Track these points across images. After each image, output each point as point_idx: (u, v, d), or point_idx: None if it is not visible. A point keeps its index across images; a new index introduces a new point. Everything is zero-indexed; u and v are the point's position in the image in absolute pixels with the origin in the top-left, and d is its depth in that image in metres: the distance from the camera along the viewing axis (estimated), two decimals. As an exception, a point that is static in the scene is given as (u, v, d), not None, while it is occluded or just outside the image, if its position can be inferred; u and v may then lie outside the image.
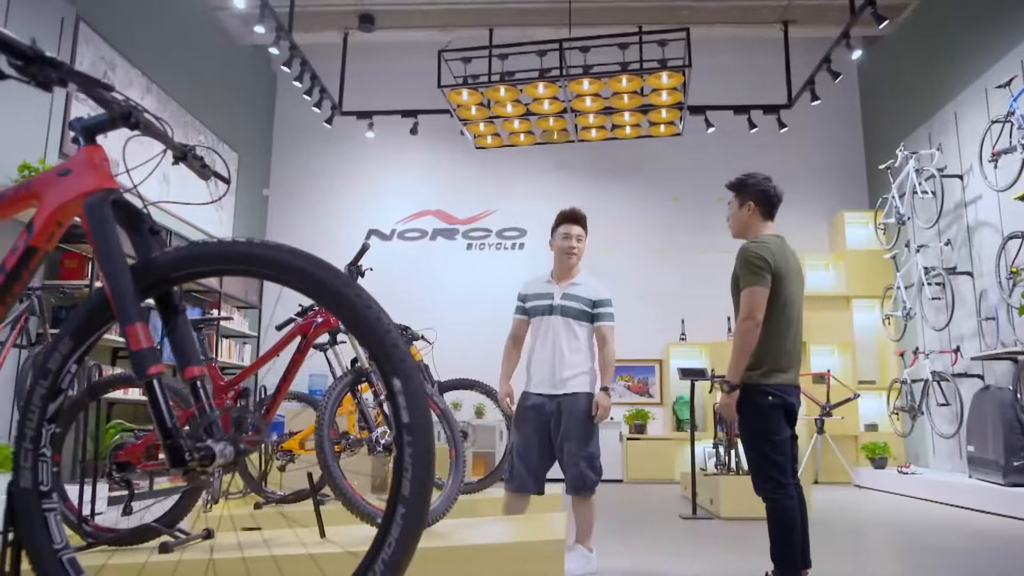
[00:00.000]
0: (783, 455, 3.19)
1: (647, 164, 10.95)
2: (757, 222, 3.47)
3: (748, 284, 3.19)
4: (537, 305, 3.99)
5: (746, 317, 3.17)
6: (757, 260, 3.21)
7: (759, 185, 3.52)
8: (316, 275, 1.36)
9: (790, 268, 3.32)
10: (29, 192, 1.48)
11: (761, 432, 3.21)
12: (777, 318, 3.24)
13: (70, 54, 6.72)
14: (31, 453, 1.41)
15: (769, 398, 3.18)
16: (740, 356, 3.18)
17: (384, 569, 1.28)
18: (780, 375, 3.23)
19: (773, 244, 3.32)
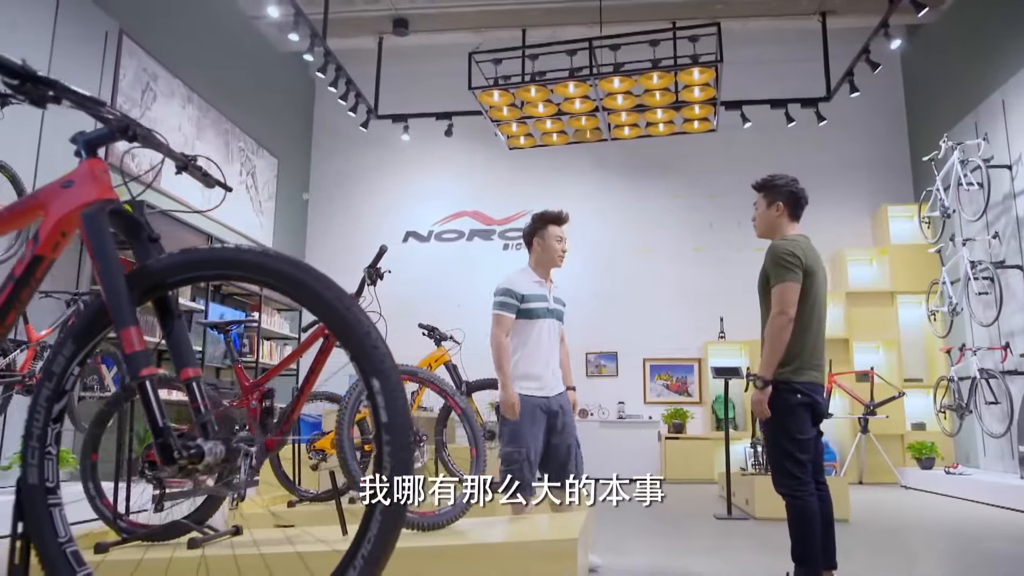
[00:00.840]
0: (806, 453, 3.18)
1: (685, 161, 10.84)
2: (784, 223, 3.47)
3: (780, 280, 3.18)
4: (537, 307, 3.89)
5: (780, 312, 3.14)
6: (789, 256, 3.20)
7: (788, 186, 3.54)
8: (299, 279, 1.41)
9: (817, 268, 3.31)
10: (36, 203, 1.56)
11: (786, 429, 3.19)
12: (808, 315, 3.23)
13: (114, 66, 6.97)
14: (37, 451, 1.48)
15: (798, 396, 3.16)
16: (773, 352, 3.15)
17: (363, 565, 1.31)
18: (810, 372, 3.21)
19: (802, 242, 3.33)
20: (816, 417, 3.27)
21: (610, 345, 10.72)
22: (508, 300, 3.84)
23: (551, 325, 3.92)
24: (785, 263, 3.19)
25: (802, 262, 3.20)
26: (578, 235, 11.13)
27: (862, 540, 5.14)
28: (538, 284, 3.96)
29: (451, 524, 3.16)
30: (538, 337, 3.85)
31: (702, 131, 8.62)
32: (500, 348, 3.78)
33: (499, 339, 3.79)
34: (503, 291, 3.86)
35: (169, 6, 7.96)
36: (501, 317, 3.82)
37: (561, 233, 4.03)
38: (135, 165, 7.16)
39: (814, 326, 3.27)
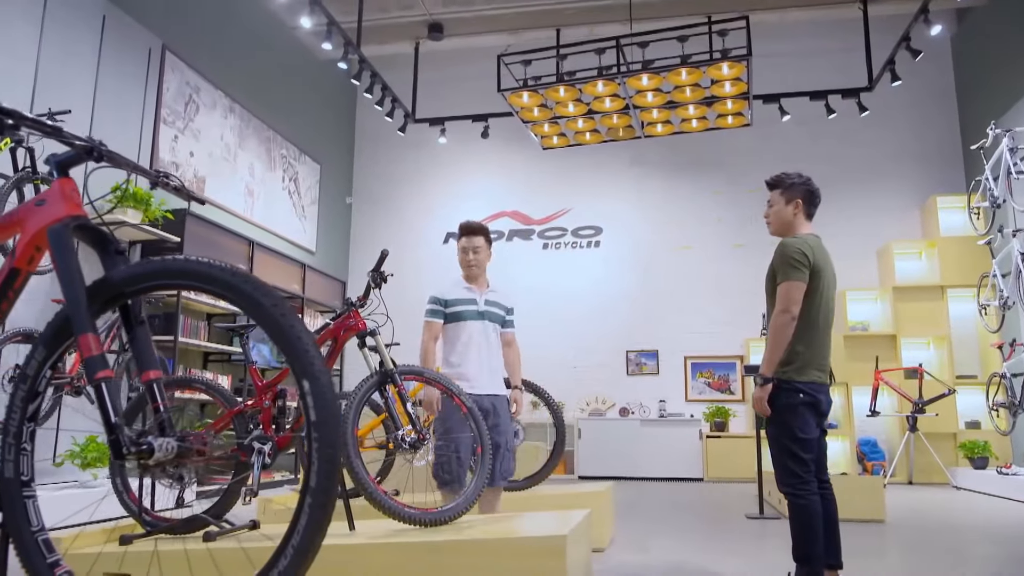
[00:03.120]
0: (808, 453, 3.17)
1: (723, 157, 10.71)
2: (800, 221, 3.45)
3: (786, 278, 3.18)
4: (464, 310, 4.08)
5: (783, 310, 3.14)
6: (797, 255, 3.19)
7: (806, 184, 3.53)
8: (240, 288, 1.50)
9: (827, 267, 3.30)
10: (13, 220, 1.69)
11: (789, 428, 3.18)
12: (814, 315, 3.22)
13: (158, 81, 7.28)
14: (13, 447, 1.61)
15: (800, 395, 3.15)
16: (775, 349, 3.15)
17: (293, 554, 1.40)
18: (813, 372, 3.20)
19: (812, 241, 3.31)
20: (819, 417, 3.25)
21: (651, 343, 10.67)
22: (433, 307, 4.13)
23: (483, 327, 4.10)
24: (793, 261, 3.18)
25: (810, 261, 3.19)
26: (617, 233, 11.14)
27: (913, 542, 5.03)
28: (466, 290, 4.15)
29: (453, 520, 3.23)
30: (468, 339, 4.07)
31: (736, 126, 8.51)
32: (424, 351, 4.10)
33: (424, 343, 4.11)
34: (430, 299, 4.17)
35: (209, 22, 8.26)
36: (427, 323, 4.12)
37: (466, 244, 4.22)
38: (178, 175, 7.47)
39: (820, 325, 3.24)
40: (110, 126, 6.61)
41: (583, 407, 10.59)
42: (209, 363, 7.84)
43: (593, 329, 10.85)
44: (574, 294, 10.99)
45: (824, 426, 3.33)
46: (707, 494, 8.27)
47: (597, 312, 10.90)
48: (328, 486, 1.42)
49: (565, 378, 10.58)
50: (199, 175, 7.90)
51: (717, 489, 8.62)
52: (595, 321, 10.87)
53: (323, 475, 1.41)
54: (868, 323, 9.98)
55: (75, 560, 3.04)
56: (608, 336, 10.73)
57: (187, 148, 7.70)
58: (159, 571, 2.81)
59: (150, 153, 7.13)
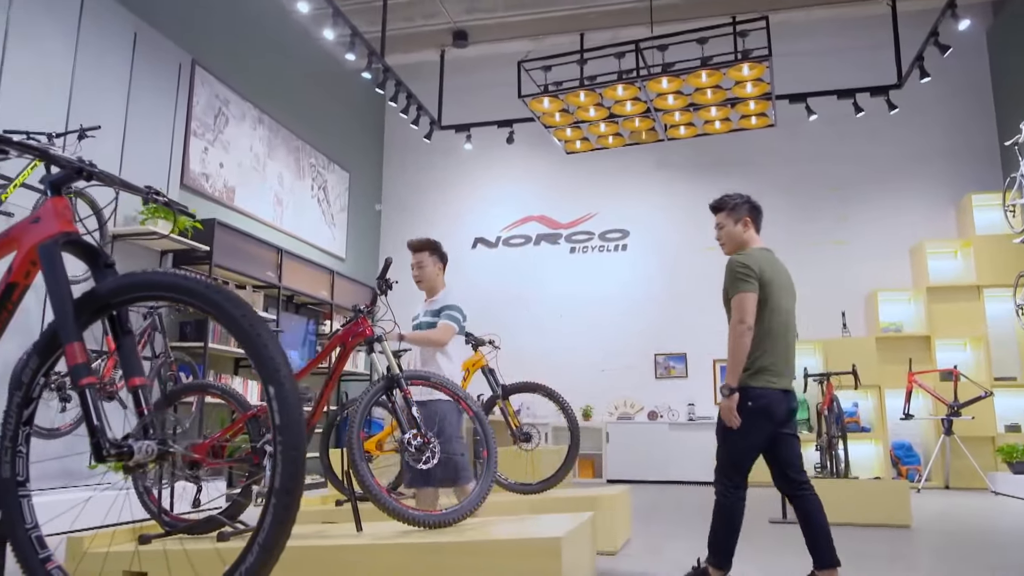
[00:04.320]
0: (747, 459, 3.36)
1: (750, 158, 10.62)
2: (751, 237, 3.62)
3: (737, 290, 3.36)
4: (414, 323, 4.50)
5: (739, 321, 3.32)
6: (743, 268, 3.37)
7: (748, 202, 3.69)
8: (212, 299, 1.58)
9: (777, 278, 3.45)
10: (10, 238, 1.80)
11: (733, 432, 3.33)
12: (768, 324, 3.38)
13: (188, 95, 7.50)
14: (10, 450, 1.72)
15: (749, 403, 3.29)
16: (736, 360, 3.33)
17: (259, 551, 1.47)
18: (766, 377, 3.33)
19: (758, 255, 3.49)
20: (774, 423, 3.35)
21: (679, 346, 10.61)
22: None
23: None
24: (740, 275, 3.37)
25: (755, 272, 3.36)
26: (644, 235, 11.11)
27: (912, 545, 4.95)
28: (422, 303, 4.55)
29: (457, 522, 3.29)
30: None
31: (760, 127, 8.44)
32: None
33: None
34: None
35: (237, 36, 8.48)
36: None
37: (412, 261, 4.56)
38: (208, 186, 7.70)
39: (775, 334, 3.39)
40: (142, 139, 6.83)
41: (611, 411, 10.58)
42: (240, 368, 8.04)
43: (621, 332, 10.83)
44: (602, 297, 10.99)
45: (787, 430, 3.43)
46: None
47: (625, 315, 10.88)
48: (292, 487, 1.49)
49: (593, 382, 10.59)
50: (229, 185, 8.11)
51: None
52: (623, 324, 10.85)
53: (287, 477, 1.48)
54: (901, 324, 9.79)
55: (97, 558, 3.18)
56: (636, 339, 10.70)
57: (217, 159, 7.92)
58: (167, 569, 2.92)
59: (181, 165, 7.35)
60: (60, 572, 1.68)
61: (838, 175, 10.39)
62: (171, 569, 2.98)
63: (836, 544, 3.35)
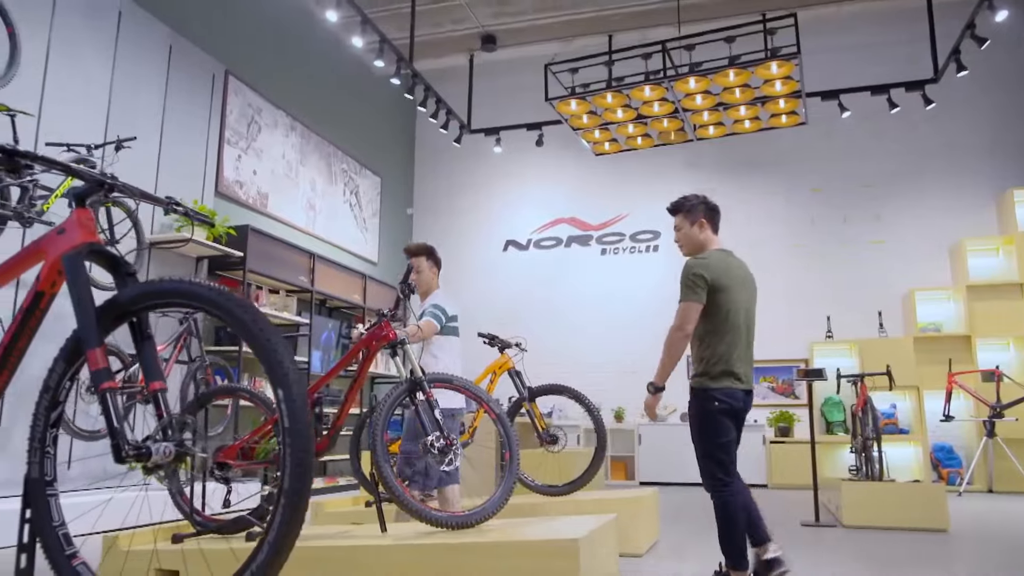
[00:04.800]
0: (727, 455, 3.47)
1: (782, 156, 10.50)
2: (708, 237, 3.70)
3: (684, 298, 3.46)
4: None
5: (678, 327, 3.46)
6: (694, 278, 3.44)
7: (704, 202, 3.77)
8: (224, 305, 1.64)
9: (733, 280, 3.54)
10: (38, 249, 1.89)
11: (708, 434, 3.46)
12: (724, 327, 3.48)
13: (221, 104, 7.68)
14: (38, 451, 1.80)
15: (715, 403, 3.42)
16: (667, 362, 3.49)
17: (269, 548, 1.53)
18: (727, 380, 3.46)
19: (714, 259, 3.55)
20: (737, 421, 3.52)
21: (711, 347, 10.51)
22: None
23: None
24: (690, 283, 3.44)
25: (707, 281, 3.43)
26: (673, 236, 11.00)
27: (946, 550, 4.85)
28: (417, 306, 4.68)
29: (479, 524, 3.33)
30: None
31: (791, 125, 8.34)
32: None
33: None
34: None
35: (269, 46, 8.65)
36: None
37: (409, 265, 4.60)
38: (242, 193, 7.86)
39: (731, 336, 3.49)
40: (177, 148, 7.01)
41: (643, 413, 10.51)
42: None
43: (653, 334, 10.66)
44: (633, 299, 10.95)
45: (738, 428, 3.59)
46: (767, 501, 8.09)
47: (657, 316, 10.73)
48: (299, 487, 1.54)
49: (625, 383, 10.55)
50: (262, 192, 8.27)
51: (780, 496, 8.44)
52: (655, 325, 10.68)
53: (294, 478, 1.53)
54: (940, 324, 9.58)
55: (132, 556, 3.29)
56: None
57: (250, 167, 8.09)
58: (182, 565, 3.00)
59: (215, 173, 7.51)
60: (85, 568, 1.75)
61: (873, 173, 10.21)
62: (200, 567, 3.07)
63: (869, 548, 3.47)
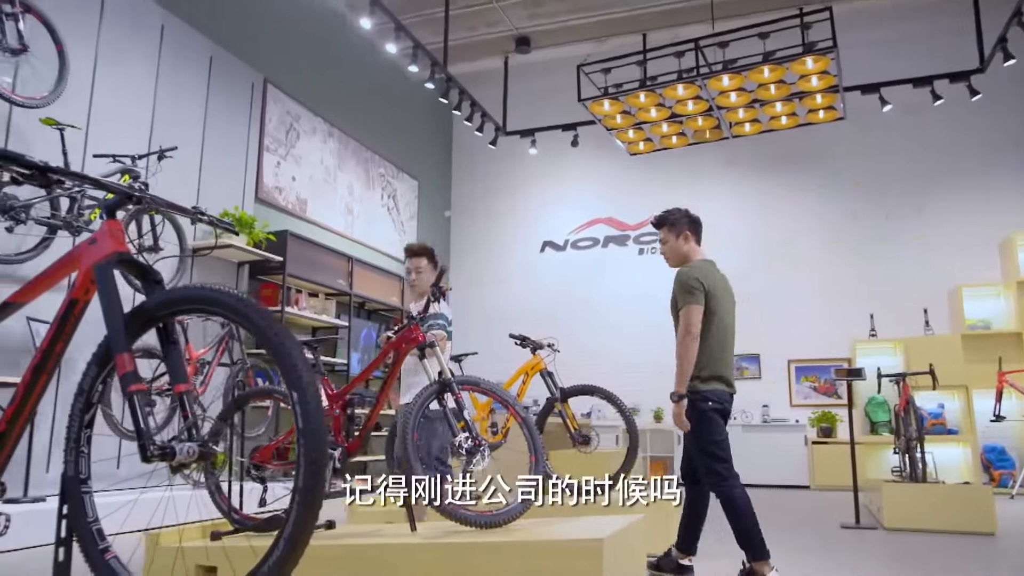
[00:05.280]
0: (724, 451, 3.62)
1: (821, 152, 10.32)
2: (692, 248, 3.91)
3: (685, 303, 3.63)
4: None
5: (686, 332, 3.60)
6: (692, 282, 3.65)
7: (688, 215, 3.96)
8: (242, 311, 1.71)
9: (719, 289, 3.75)
10: (72, 258, 1.98)
11: (704, 433, 3.64)
12: (714, 332, 3.68)
13: (260, 113, 7.86)
14: (74, 450, 1.89)
15: (709, 403, 3.61)
16: (685, 368, 3.60)
17: (285, 544, 1.59)
18: (717, 382, 3.64)
19: (705, 267, 3.78)
20: (725, 420, 3.72)
21: (751, 347, 10.37)
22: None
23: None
24: (690, 288, 3.63)
25: (704, 286, 3.64)
26: (714, 235, 10.87)
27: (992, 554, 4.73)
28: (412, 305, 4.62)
29: (508, 523, 3.36)
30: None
31: (829, 120, 8.20)
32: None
33: None
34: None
35: (306, 54, 8.81)
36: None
37: (409, 264, 4.61)
38: (281, 199, 8.04)
39: (717, 341, 3.69)
40: (218, 156, 7.20)
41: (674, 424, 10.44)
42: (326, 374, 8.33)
43: (691, 334, 10.67)
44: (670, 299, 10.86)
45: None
46: (808, 502, 7.99)
47: (695, 316, 10.72)
48: (313, 486, 1.59)
49: (664, 384, 10.39)
50: (301, 197, 8.44)
51: (821, 497, 8.31)
52: (693, 325, 10.70)
53: (308, 477, 1.59)
54: (989, 321, 9.31)
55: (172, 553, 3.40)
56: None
57: (289, 173, 8.26)
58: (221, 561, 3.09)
59: (255, 179, 7.70)
60: (117, 562, 1.83)
61: (915, 166, 9.97)
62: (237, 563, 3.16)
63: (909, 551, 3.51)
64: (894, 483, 6.12)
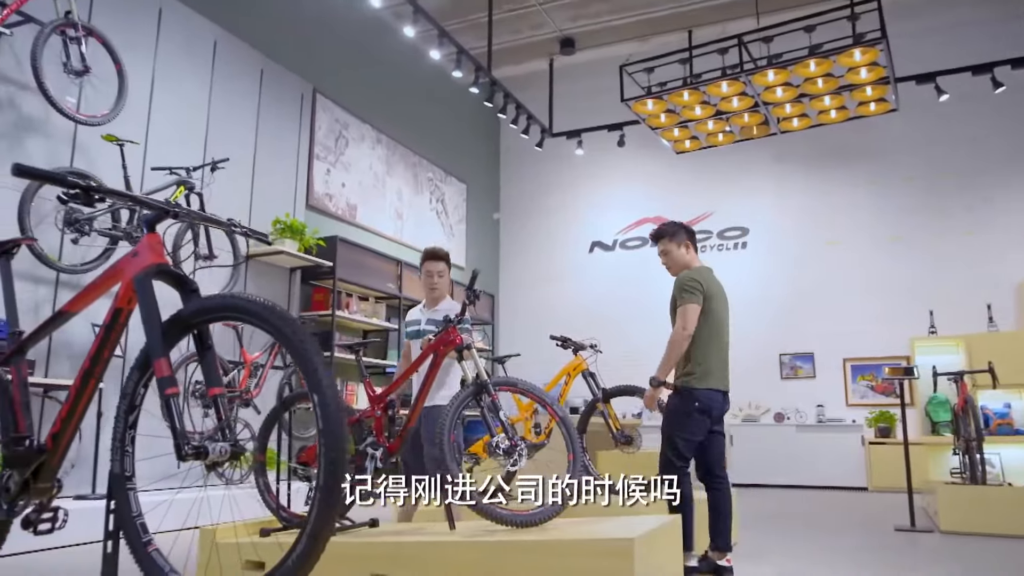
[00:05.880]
0: (689, 451, 3.89)
1: (875, 145, 10.04)
2: (692, 257, 4.13)
3: (684, 302, 3.85)
4: (411, 331, 4.57)
5: (682, 327, 3.83)
6: (693, 283, 3.89)
7: (683, 226, 4.22)
8: (266, 316, 1.81)
9: (716, 293, 3.98)
10: (116, 270, 2.12)
11: (680, 428, 3.87)
12: (711, 333, 3.91)
13: (310, 122, 8.09)
14: (119, 450, 2.02)
15: (696, 403, 3.83)
16: (669, 359, 3.86)
17: (307, 539, 1.69)
18: (710, 379, 3.87)
19: (704, 272, 4.04)
20: (711, 420, 3.93)
21: (805, 345, 10.20)
22: (405, 329, 4.72)
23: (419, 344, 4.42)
24: (689, 288, 3.87)
25: (703, 288, 3.88)
26: (764, 232, 10.77)
27: None
28: (419, 311, 4.61)
29: (544, 523, 3.41)
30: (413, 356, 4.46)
31: (880, 112, 8.00)
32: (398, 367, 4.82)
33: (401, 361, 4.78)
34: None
35: (353, 63, 9.01)
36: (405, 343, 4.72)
37: (431, 268, 4.56)
38: (331, 205, 8.26)
39: (714, 342, 3.92)
40: (269, 165, 7.43)
41: (735, 413, 10.31)
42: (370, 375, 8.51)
43: (743, 333, 10.37)
44: (721, 297, 10.74)
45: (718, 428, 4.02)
46: (864, 504, 7.80)
47: (746, 315, 10.50)
48: (332, 483, 1.68)
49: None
50: (351, 203, 8.65)
51: (879, 499, 8.10)
52: (745, 324, 10.44)
53: (328, 476, 1.68)
54: (1059, 316, 8.93)
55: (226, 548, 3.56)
56: (759, 339, 10.36)
57: (339, 180, 8.48)
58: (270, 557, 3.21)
59: (306, 187, 7.92)
60: (158, 554, 1.95)
61: (976, 157, 9.62)
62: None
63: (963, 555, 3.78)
64: (951, 485, 5.94)
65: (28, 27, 4.99)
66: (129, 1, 6.11)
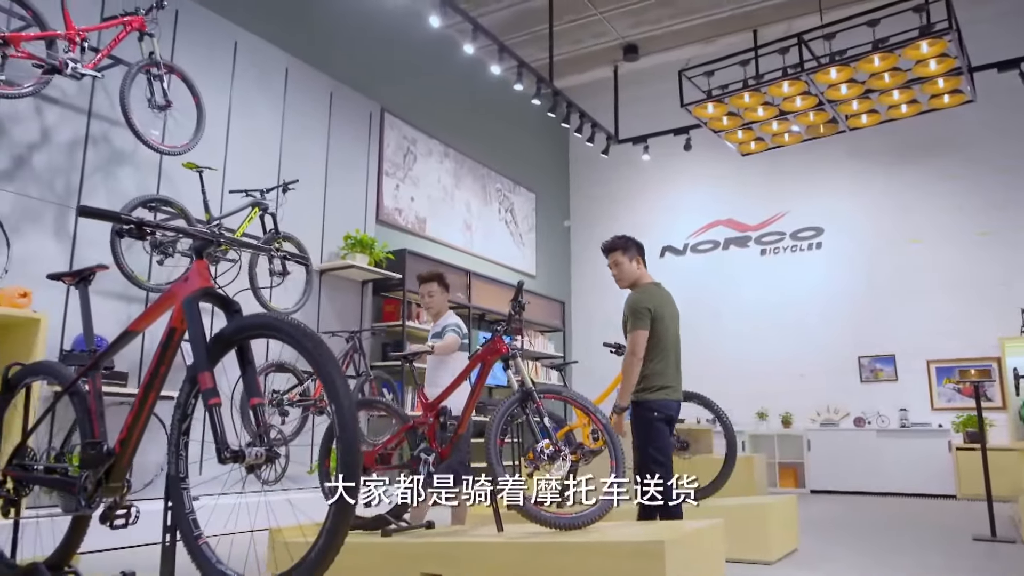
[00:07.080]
0: (664, 455, 4.00)
1: (956, 137, 9.62)
2: (642, 271, 4.30)
3: (634, 328, 4.04)
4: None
5: (631, 353, 4.03)
6: (642, 309, 4.06)
7: (636, 241, 4.35)
8: (291, 333, 2.01)
9: (667, 310, 4.17)
10: (170, 294, 2.37)
11: (647, 438, 4.00)
12: (661, 348, 4.09)
13: (379, 140, 8.43)
14: (174, 454, 2.27)
15: (654, 413, 4.00)
16: (628, 385, 4.02)
17: (326, 535, 1.87)
18: (662, 392, 4.04)
19: (653, 291, 4.21)
20: (671, 426, 4.11)
21: (886, 347, 9.86)
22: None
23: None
24: (638, 314, 4.05)
25: (652, 312, 4.07)
26: (840, 231, 10.49)
27: None
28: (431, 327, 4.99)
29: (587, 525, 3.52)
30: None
31: (955, 104, 7.68)
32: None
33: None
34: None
35: (418, 81, 9.30)
36: None
37: (420, 290, 5.00)
38: (401, 219, 8.58)
39: (662, 357, 4.10)
40: (340, 184, 7.80)
41: (813, 417, 10.08)
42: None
43: (820, 335, 10.28)
44: (796, 299, 10.52)
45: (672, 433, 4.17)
46: (949, 512, 7.50)
47: (823, 316, 10.32)
48: (347, 488, 1.86)
49: (792, 387, 10.17)
50: (420, 217, 8.95)
51: (967, 508, 7.76)
52: (821, 326, 10.29)
53: (344, 478, 1.86)
54: None
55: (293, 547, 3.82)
56: (837, 341, 10.10)
57: (408, 194, 8.79)
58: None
59: (376, 203, 8.26)
60: (208, 547, 2.18)
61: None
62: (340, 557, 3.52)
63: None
64: (1031, 493, 5.66)
65: (118, 69, 5.47)
66: (208, 36, 6.57)
